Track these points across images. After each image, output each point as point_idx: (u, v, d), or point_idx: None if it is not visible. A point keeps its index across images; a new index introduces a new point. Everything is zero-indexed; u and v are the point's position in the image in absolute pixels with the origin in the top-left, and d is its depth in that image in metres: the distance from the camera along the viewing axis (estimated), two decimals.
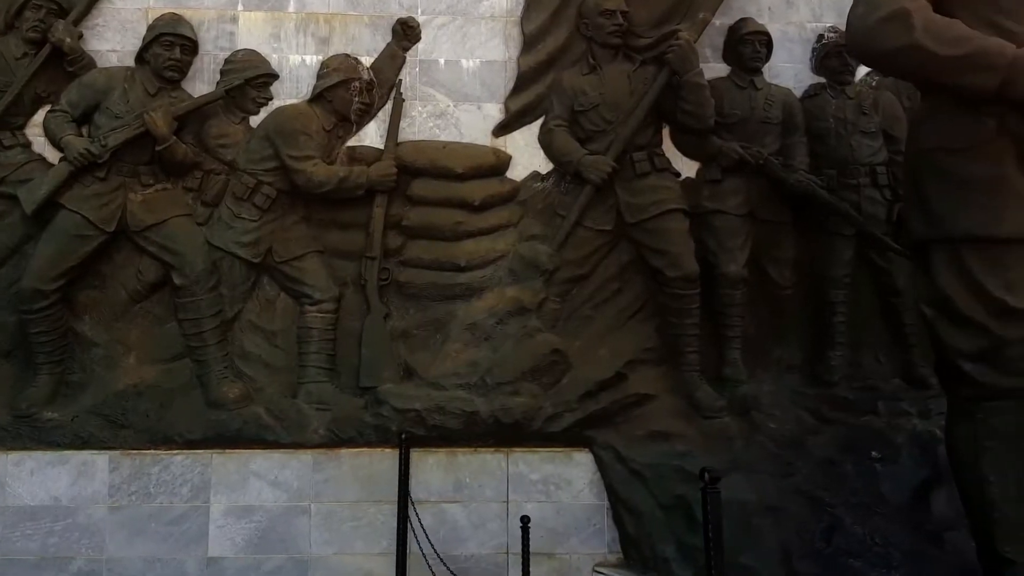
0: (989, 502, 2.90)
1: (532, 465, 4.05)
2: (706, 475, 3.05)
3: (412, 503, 3.79)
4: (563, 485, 4.03)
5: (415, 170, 4.27)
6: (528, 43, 4.46)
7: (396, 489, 3.86)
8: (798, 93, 4.47)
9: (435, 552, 3.68)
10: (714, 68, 4.48)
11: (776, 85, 4.45)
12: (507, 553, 3.97)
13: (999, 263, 2.82)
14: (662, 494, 3.77)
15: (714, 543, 2.85)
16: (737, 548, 3.38)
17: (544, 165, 4.40)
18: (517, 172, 4.40)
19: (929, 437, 3.85)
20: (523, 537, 3.51)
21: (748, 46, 4.39)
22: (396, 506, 3.84)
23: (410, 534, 3.82)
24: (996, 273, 2.82)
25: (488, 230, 4.26)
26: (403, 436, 3.85)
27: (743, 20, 4.45)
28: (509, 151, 4.41)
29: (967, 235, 2.85)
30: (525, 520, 3.56)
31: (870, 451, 3.81)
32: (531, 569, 3.57)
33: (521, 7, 4.50)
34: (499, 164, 4.35)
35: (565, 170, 4.30)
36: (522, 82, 4.43)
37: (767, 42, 4.42)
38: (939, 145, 2.94)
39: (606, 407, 4.00)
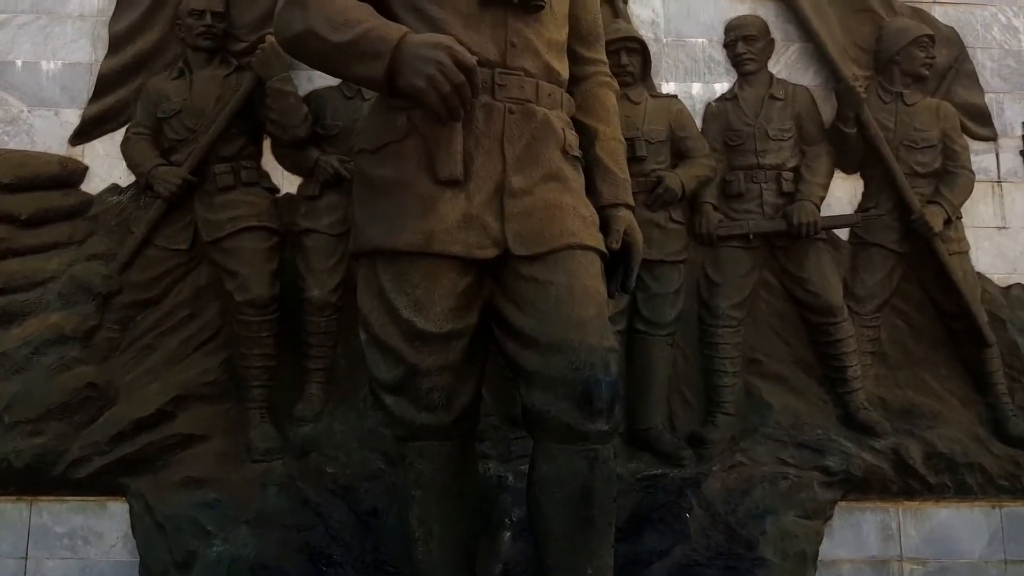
0: (416, 563, 2.48)
1: (59, 516, 3.54)
2: None
3: None
4: (93, 539, 3.52)
5: None
6: (115, 44, 4.03)
7: None
8: None
9: None
10: (325, 77, 4.10)
11: None
12: None
13: (406, 280, 2.40)
14: (177, 550, 3.27)
15: None
16: None
17: (126, 177, 3.94)
18: (95, 184, 3.94)
19: (497, 482, 3.45)
20: None
21: None
22: None
23: None
24: (404, 291, 2.39)
25: (40, 248, 3.78)
26: None
27: None
28: (87, 161, 3.96)
29: (376, 247, 2.45)
30: None
31: None
32: None
33: (114, 7, 4.09)
34: (66, 175, 3.89)
35: (140, 182, 3.88)
36: (103, 86, 3.99)
37: None
38: (362, 147, 2.55)
39: (142, 449, 3.50)
